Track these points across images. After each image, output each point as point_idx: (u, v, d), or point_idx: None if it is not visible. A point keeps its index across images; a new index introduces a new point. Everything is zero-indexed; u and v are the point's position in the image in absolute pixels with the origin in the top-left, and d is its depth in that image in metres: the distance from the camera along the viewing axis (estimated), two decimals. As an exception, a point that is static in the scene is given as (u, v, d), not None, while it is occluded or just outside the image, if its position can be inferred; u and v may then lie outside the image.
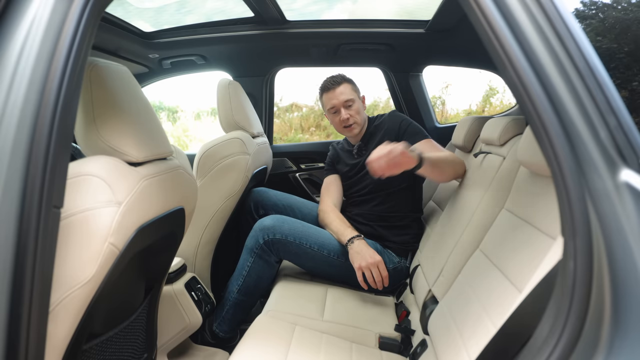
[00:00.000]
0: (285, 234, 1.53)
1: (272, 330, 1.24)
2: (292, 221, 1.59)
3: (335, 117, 1.75)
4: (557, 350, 0.54)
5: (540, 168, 0.91)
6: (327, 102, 1.75)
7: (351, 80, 1.76)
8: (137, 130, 0.89)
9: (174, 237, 1.11)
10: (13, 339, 0.57)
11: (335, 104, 1.72)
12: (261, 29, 2.12)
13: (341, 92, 1.71)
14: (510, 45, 0.57)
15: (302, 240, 1.54)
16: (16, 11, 0.60)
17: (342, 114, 1.71)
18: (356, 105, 1.73)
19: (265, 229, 1.54)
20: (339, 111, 1.72)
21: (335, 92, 1.71)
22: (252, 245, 1.56)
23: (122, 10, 1.88)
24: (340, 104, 1.71)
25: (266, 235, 1.53)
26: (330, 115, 1.77)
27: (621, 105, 0.55)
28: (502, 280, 0.90)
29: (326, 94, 1.74)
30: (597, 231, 0.53)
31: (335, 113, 1.74)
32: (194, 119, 7.37)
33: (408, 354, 1.24)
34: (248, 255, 1.57)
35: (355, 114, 1.72)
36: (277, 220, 1.57)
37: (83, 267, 0.74)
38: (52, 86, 0.58)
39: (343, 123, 1.72)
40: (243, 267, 1.57)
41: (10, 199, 0.56)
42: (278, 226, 1.54)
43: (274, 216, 1.61)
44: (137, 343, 1.11)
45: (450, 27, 1.98)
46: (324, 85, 1.75)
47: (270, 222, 1.55)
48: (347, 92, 1.71)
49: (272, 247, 1.53)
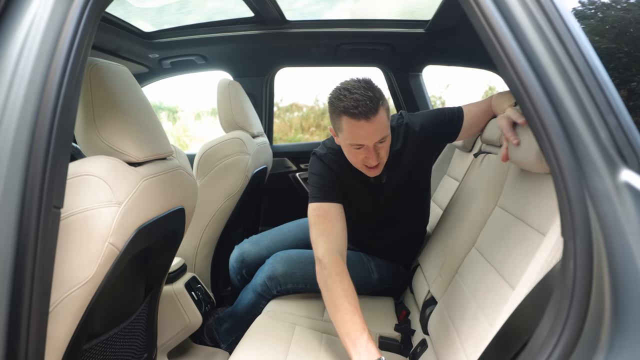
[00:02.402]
0: (297, 281, 1.44)
1: (272, 330, 1.24)
2: (304, 262, 1.43)
3: (357, 154, 1.21)
4: (557, 350, 0.54)
5: (526, 165, 0.91)
6: (350, 134, 1.16)
7: (385, 99, 1.18)
8: (137, 130, 0.89)
9: (174, 237, 1.11)
10: (13, 339, 0.57)
11: (364, 142, 1.17)
12: (261, 29, 2.12)
13: (377, 127, 1.14)
14: (510, 45, 0.57)
15: (314, 286, 1.21)
16: (16, 11, 0.60)
17: (371, 157, 1.19)
18: (388, 140, 1.22)
19: (277, 279, 1.44)
20: (368, 150, 1.19)
21: (370, 126, 1.13)
22: (262, 291, 1.48)
23: (123, 10, 1.88)
24: (373, 143, 1.17)
25: (278, 286, 1.45)
26: (350, 149, 1.22)
27: (621, 105, 0.55)
28: (496, 278, 0.90)
29: (352, 121, 1.13)
30: (597, 231, 0.53)
31: (360, 150, 1.19)
32: (194, 119, 7.37)
33: (408, 354, 1.24)
34: (260, 298, 1.49)
35: (385, 154, 1.23)
36: (289, 265, 1.44)
37: (83, 267, 0.75)
38: (52, 86, 0.58)
39: (367, 164, 1.22)
40: (254, 308, 1.50)
41: (10, 199, 0.56)
42: (289, 274, 1.43)
43: (284, 257, 1.46)
44: (137, 343, 1.11)
45: (450, 27, 1.98)
46: (352, 109, 1.11)
47: (281, 270, 1.43)
48: (384, 126, 1.16)
49: (284, 292, 1.48)
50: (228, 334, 1.58)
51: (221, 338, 1.59)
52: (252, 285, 1.52)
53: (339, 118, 1.17)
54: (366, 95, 1.11)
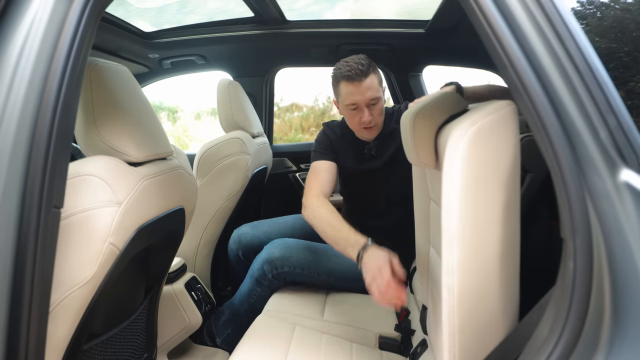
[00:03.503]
0: (294, 265, 1.46)
1: (272, 330, 1.24)
2: (300, 248, 1.49)
3: (354, 115, 1.45)
4: (557, 350, 0.54)
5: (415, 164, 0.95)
6: (346, 95, 1.42)
7: (378, 70, 1.45)
8: (137, 130, 0.89)
9: (174, 237, 1.11)
10: (13, 339, 0.57)
11: (358, 101, 1.41)
12: (261, 29, 2.12)
13: (368, 86, 1.38)
14: (510, 45, 0.57)
15: (311, 271, 1.46)
16: (16, 11, 0.60)
17: (364, 115, 1.42)
18: (380, 103, 1.45)
19: (273, 262, 1.46)
20: (362, 110, 1.42)
21: (361, 85, 1.38)
22: (259, 276, 1.49)
23: (123, 10, 1.88)
24: (365, 102, 1.41)
25: (274, 270, 1.46)
26: (348, 111, 1.47)
27: (621, 105, 0.55)
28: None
29: (348, 84, 1.40)
30: (597, 231, 0.53)
31: (355, 110, 1.44)
32: (194, 119, 7.37)
33: (408, 354, 1.24)
34: (255, 285, 1.51)
35: (378, 115, 1.45)
36: (285, 249, 1.47)
37: (83, 267, 0.75)
38: (52, 86, 0.58)
39: (363, 124, 1.45)
40: (250, 295, 1.52)
41: (10, 199, 0.56)
42: (286, 258, 1.46)
43: (281, 243, 1.50)
44: (137, 343, 1.11)
45: (450, 27, 1.98)
46: (347, 72, 1.38)
47: (278, 254, 1.46)
48: (374, 88, 1.40)
49: (280, 277, 1.49)
50: (224, 327, 1.59)
51: (217, 331, 1.60)
52: (249, 271, 1.54)
53: (338, 84, 1.44)
54: (359, 62, 1.38)
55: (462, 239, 0.70)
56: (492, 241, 0.70)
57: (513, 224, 0.71)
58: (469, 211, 0.69)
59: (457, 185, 0.69)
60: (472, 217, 0.69)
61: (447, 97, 0.94)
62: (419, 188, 1.20)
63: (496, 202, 0.69)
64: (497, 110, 0.70)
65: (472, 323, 0.72)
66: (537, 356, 0.56)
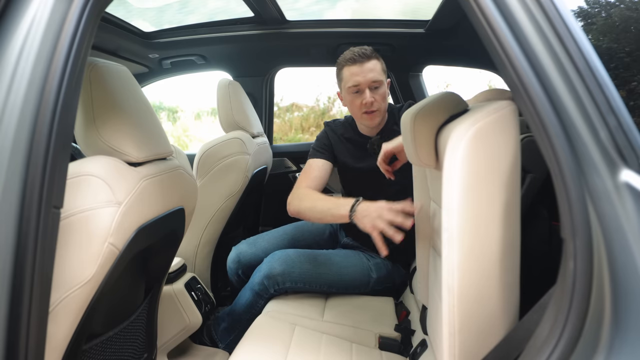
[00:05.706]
0: (295, 280, 1.44)
1: (272, 330, 1.24)
2: (302, 260, 1.46)
3: (355, 98, 1.43)
4: (557, 350, 0.54)
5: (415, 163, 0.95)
6: (348, 78, 1.42)
7: (382, 60, 1.46)
8: (137, 130, 0.89)
9: (174, 237, 1.11)
10: (13, 339, 0.57)
11: (359, 82, 1.40)
12: (261, 29, 2.12)
13: (370, 68, 1.39)
14: (510, 45, 0.57)
15: (312, 285, 1.45)
16: (16, 11, 0.60)
17: (366, 96, 1.40)
18: (383, 89, 1.44)
19: (274, 278, 1.44)
20: (363, 92, 1.41)
21: (363, 67, 1.39)
22: (260, 290, 1.48)
23: (123, 10, 1.88)
24: (367, 84, 1.40)
25: (276, 285, 1.45)
26: (350, 95, 1.44)
27: (621, 105, 0.55)
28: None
29: (350, 67, 1.41)
30: (597, 231, 0.53)
31: (357, 93, 1.42)
32: (194, 119, 7.37)
33: (408, 354, 1.24)
34: (257, 297, 1.49)
35: (381, 99, 1.43)
36: (287, 264, 1.45)
37: (83, 267, 0.75)
38: (52, 86, 0.58)
39: (365, 107, 1.42)
40: (252, 307, 1.50)
41: (10, 199, 0.56)
42: (287, 273, 1.43)
43: (282, 256, 1.47)
44: (137, 343, 1.11)
45: (450, 27, 1.98)
46: (349, 56, 1.41)
47: (279, 269, 1.44)
48: (376, 70, 1.41)
49: (281, 291, 1.48)
50: (226, 333, 1.58)
51: (219, 337, 1.59)
52: (249, 284, 1.52)
53: (341, 71, 1.46)
54: (362, 49, 1.43)
55: (462, 239, 0.70)
56: (492, 241, 0.70)
57: (513, 224, 0.71)
58: (469, 211, 0.69)
59: (457, 186, 0.69)
60: (472, 217, 0.69)
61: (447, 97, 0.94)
62: (419, 188, 1.20)
63: (496, 202, 0.69)
64: (497, 110, 0.70)
65: (472, 323, 0.72)
66: (538, 356, 0.56)
